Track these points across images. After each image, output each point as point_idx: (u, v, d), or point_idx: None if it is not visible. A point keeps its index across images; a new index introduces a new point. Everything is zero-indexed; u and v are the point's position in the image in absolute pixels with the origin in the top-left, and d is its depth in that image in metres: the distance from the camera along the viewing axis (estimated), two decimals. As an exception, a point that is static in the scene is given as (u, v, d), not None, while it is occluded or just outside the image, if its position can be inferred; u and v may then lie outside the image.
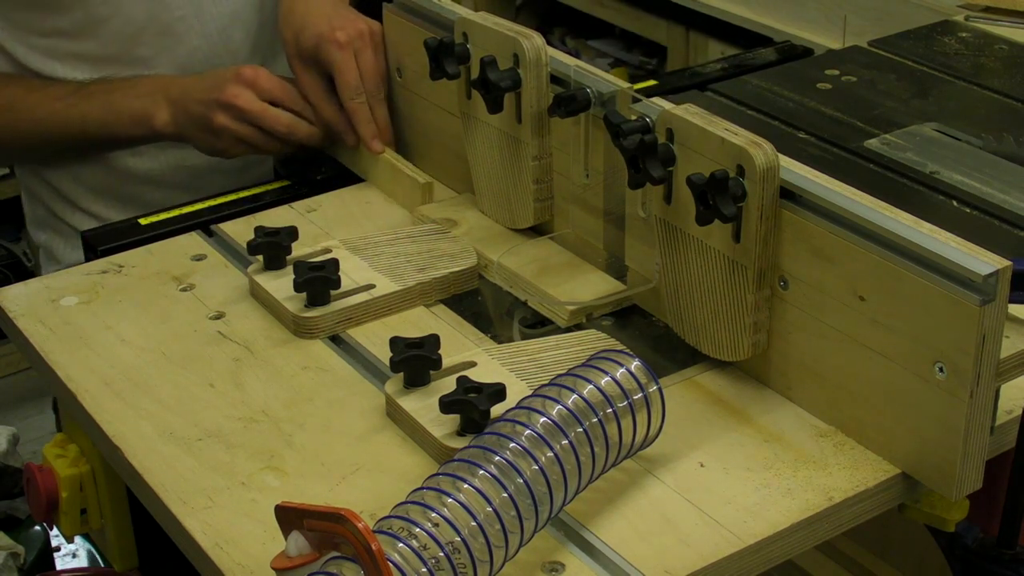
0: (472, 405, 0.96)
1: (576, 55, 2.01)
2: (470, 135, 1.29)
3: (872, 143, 1.37)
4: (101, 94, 1.46)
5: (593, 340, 1.08)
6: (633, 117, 1.07)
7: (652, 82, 1.58)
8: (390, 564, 0.77)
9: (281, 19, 1.44)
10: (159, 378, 1.09)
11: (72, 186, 1.59)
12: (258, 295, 1.18)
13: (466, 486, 0.84)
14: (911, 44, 1.61)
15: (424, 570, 0.79)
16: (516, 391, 0.98)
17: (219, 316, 1.17)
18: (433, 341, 1.03)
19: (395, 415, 1.03)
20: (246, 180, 1.49)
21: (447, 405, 0.97)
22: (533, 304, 1.16)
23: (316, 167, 1.44)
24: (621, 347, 1.05)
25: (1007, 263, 0.89)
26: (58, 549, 1.53)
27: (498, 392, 0.97)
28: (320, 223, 1.31)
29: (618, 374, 0.94)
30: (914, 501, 0.99)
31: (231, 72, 1.40)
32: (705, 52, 1.98)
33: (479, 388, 0.97)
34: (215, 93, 1.39)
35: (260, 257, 1.19)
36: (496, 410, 0.96)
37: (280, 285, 1.16)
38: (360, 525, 0.76)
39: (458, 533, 0.81)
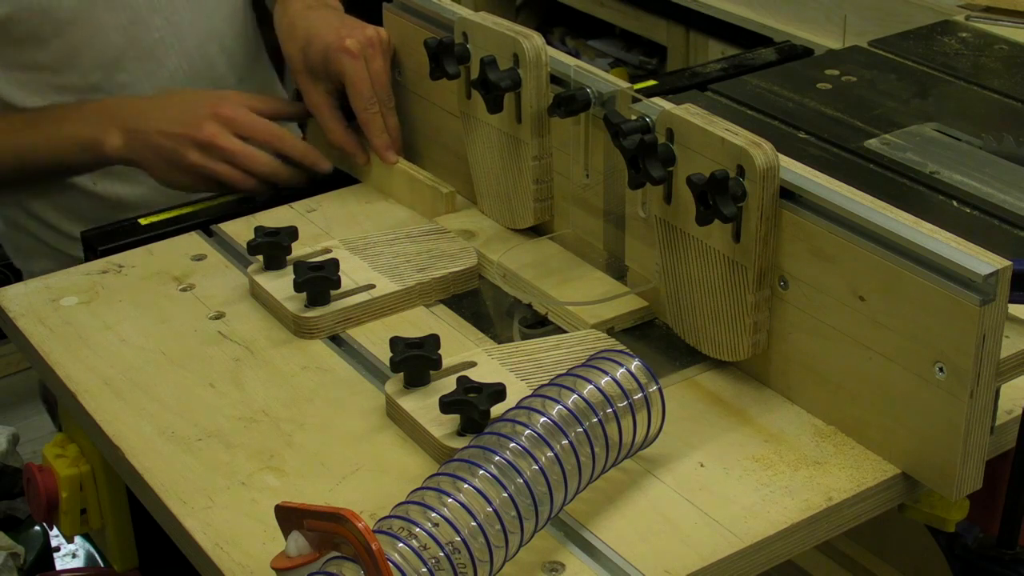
0: (472, 405, 0.96)
1: (576, 55, 2.01)
2: (470, 135, 1.29)
3: (872, 143, 1.37)
4: (47, 123, 1.43)
5: (593, 340, 1.08)
6: (633, 117, 1.07)
7: (652, 82, 1.58)
8: (390, 564, 0.77)
9: (283, 38, 1.41)
10: (159, 378, 1.09)
11: (59, 216, 1.57)
12: (258, 295, 1.18)
13: (466, 486, 0.84)
14: (911, 44, 1.61)
15: (424, 570, 0.79)
16: (516, 391, 0.98)
17: (219, 316, 1.17)
18: (433, 341, 1.03)
19: (395, 415, 1.03)
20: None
21: (447, 405, 0.97)
22: (554, 318, 1.15)
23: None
24: (621, 347, 1.05)
25: (1007, 263, 0.89)
26: (58, 549, 1.53)
27: (498, 392, 0.97)
28: (320, 223, 1.31)
29: (618, 374, 0.94)
30: (914, 501, 0.99)
31: (207, 107, 1.36)
32: (705, 52, 1.98)
33: (479, 388, 0.97)
34: (189, 130, 1.35)
35: (260, 257, 1.19)
36: (496, 410, 0.96)
37: (280, 285, 1.16)
38: (360, 525, 0.76)
39: (458, 533, 0.81)
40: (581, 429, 0.90)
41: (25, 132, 1.44)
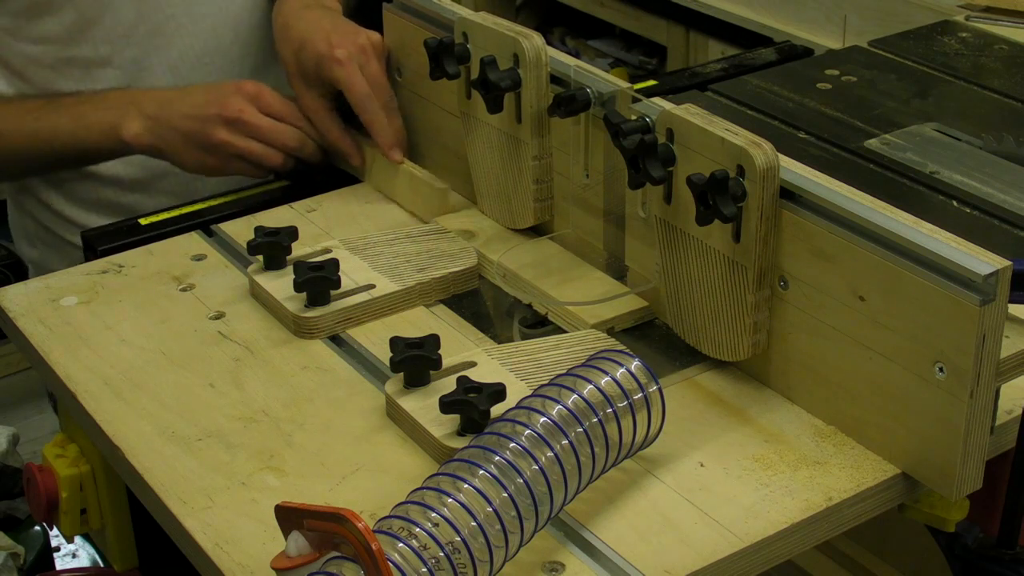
0: (472, 405, 0.96)
1: (576, 55, 2.01)
2: (470, 135, 1.29)
3: (872, 143, 1.37)
4: (70, 107, 1.43)
5: (593, 340, 1.08)
6: (633, 117, 1.07)
7: (652, 82, 1.58)
8: (390, 564, 0.77)
9: (277, 38, 1.42)
10: (159, 378, 1.09)
11: (62, 199, 1.57)
12: (258, 295, 1.18)
13: (466, 486, 0.84)
14: (911, 44, 1.61)
15: (424, 570, 0.79)
16: (516, 391, 0.98)
17: (219, 316, 1.17)
18: (433, 341, 1.03)
19: (395, 415, 1.03)
20: (239, 182, 1.48)
21: (447, 405, 0.97)
22: (554, 319, 1.15)
23: (316, 167, 1.44)
24: (621, 347, 1.05)
25: (1007, 263, 0.89)
26: (58, 549, 1.53)
27: (498, 392, 0.97)
28: (320, 223, 1.31)
29: (618, 374, 0.94)
30: (914, 501, 0.99)
31: (231, 86, 1.38)
32: (705, 52, 1.98)
33: (479, 388, 0.97)
34: (214, 108, 1.36)
35: (260, 257, 1.19)
36: (496, 410, 0.96)
37: (280, 285, 1.16)
38: (360, 525, 0.76)
39: (458, 533, 0.81)
40: (581, 429, 0.90)
41: (47, 115, 1.43)
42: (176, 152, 1.39)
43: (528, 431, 0.88)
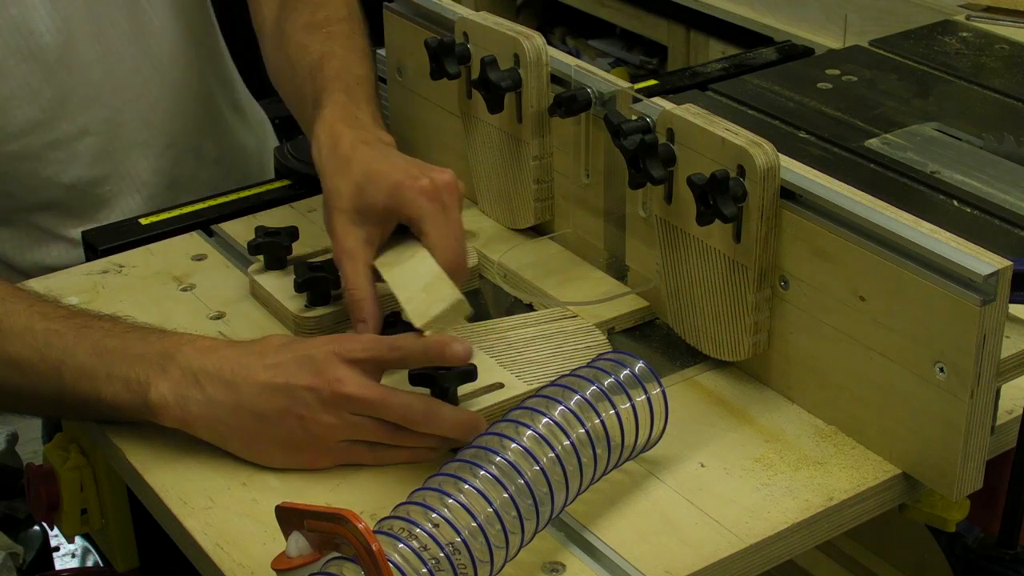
0: (435, 380, 0.97)
1: (577, 55, 2.01)
2: (470, 135, 1.29)
3: (873, 143, 1.37)
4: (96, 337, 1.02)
5: (559, 317, 1.09)
6: (633, 117, 1.07)
7: (653, 82, 1.58)
8: (390, 564, 0.77)
9: (330, 170, 1.13)
10: (159, 378, 1.09)
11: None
12: (258, 295, 1.18)
13: (467, 487, 0.84)
14: (912, 44, 1.61)
15: (424, 570, 0.79)
16: (485, 367, 1.01)
17: (219, 316, 1.17)
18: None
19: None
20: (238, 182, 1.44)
21: (415, 378, 0.98)
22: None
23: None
24: (600, 334, 1.06)
25: (1007, 263, 0.89)
26: (58, 549, 1.53)
27: (467, 373, 0.98)
28: (320, 223, 1.31)
29: (621, 375, 0.94)
30: (915, 501, 0.99)
31: (320, 352, 0.98)
32: (706, 52, 1.98)
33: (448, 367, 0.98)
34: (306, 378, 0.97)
35: (260, 257, 1.19)
36: (463, 389, 0.98)
37: (281, 285, 1.16)
38: (360, 526, 0.76)
39: (458, 534, 0.81)
40: (583, 430, 0.90)
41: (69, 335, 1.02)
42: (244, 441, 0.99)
43: (530, 431, 0.88)
